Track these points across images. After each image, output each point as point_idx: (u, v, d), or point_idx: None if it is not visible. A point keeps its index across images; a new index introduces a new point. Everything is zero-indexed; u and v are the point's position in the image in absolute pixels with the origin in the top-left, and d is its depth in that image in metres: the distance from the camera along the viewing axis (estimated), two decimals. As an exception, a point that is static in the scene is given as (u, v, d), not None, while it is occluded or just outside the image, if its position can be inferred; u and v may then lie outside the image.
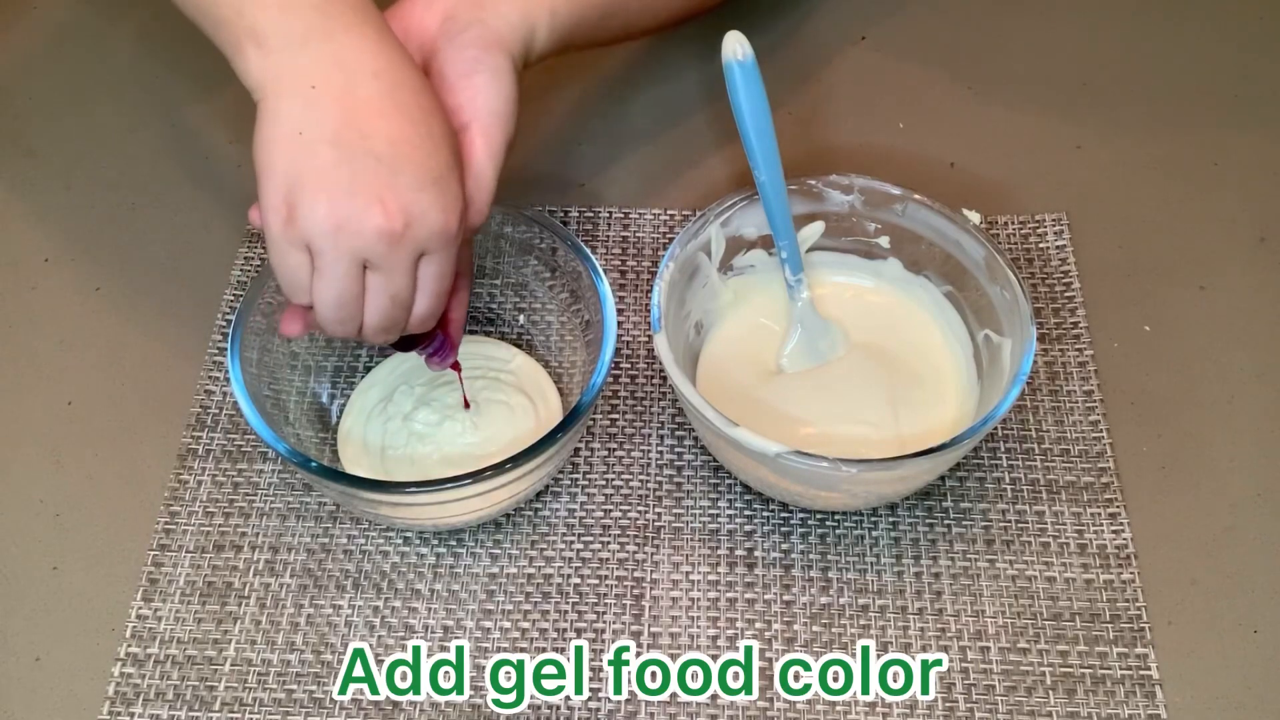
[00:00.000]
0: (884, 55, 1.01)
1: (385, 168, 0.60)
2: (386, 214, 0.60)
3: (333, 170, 0.60)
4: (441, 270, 0.65)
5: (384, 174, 0.60)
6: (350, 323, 0.64)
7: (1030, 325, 0.71)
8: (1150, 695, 0.68)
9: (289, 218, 0.61)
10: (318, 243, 0.61)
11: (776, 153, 0.75)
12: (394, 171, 0.60)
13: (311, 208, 0.60)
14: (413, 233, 0.61)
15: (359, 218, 0.60)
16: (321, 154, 0.60)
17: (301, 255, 0.62)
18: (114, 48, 1.02)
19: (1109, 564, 0.73)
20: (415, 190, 0.61)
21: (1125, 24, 1.02)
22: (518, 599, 0.73)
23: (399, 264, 0.62)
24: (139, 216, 0.91)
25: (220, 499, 0.77)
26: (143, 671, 0.70)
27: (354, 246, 0.61)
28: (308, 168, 0.60)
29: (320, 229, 0.60)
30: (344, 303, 0.63)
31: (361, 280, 0.63)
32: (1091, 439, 0.78)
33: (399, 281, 0.63)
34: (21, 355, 0.84)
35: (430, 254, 0.63)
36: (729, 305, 0.81)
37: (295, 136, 0.60)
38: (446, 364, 0.74)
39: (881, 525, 0.75)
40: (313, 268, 0.62)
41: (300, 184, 0.60)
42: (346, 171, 0.60)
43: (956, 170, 0.92)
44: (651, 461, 0.78)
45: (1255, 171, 0.91)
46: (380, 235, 0.60)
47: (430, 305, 0.66)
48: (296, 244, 0.61)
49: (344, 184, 0.60)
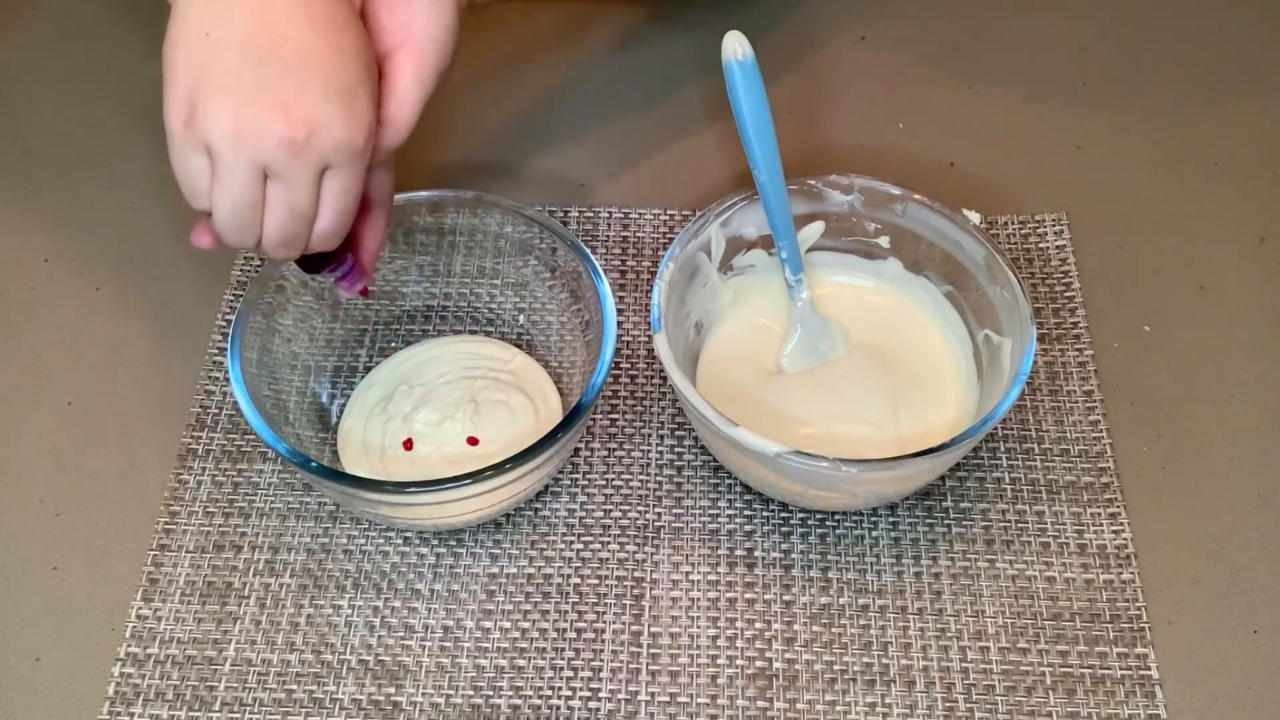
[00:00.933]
0: (884, 55, 1.01)
1: (292, 76, 0.60)
2: (289, 122, 0.59)
3: (237, 74, 0.59)
4: (345, 186, 0.63)
5: (290, 82, 0.60)
6: (247, 231, 0.63)
7: (1030, 325, 0.71)
8: (1150, 695, 0.68)
9: (189, 119, 0.60)
10: (217, 146, 0.60)
11: (776, 153, 0.75)
12: (300, 81, 0.60)
13: (213, 111, 0.59)
14: (316, 143, 0.60)
15: (260, 124, 0.59)
16: (227, 57, 0.59)
17: (201, 159, 0.61)
18: (114, 47, 1.02)
19: (1109, 564, 0.73)
20: (321, 101, 0.60)
21: (1125, 23, 1.02)
22: (518, 599, 0.73)
23: (300, 175, 0.61)
24: (139, 216, 0.91)
25: (220, 499, 0.77)
26: (143, 671, 0.70)
27: (254, 154, 0.60)
28: (212, 70, 0.59)
29: (220, 133, 0.59)
30: (241, 210, 0.62)
31: (261, 190, 0.62)
32: (1091, 439, 0.78)
33: (299, 194, 0.62)
34: (21, 355, 0.84)
35: (334, 168, 0.62)
36: (729, 305, 0.81)
37: (202, 38, 0.59)
38: (355, 289, 0.72)
39: (881, 525, 0.75)
40: (212, 173, 0.61)
41: (203, 86, 0.59)
42: (251, 77, 0.59)
43: (956, 170, 0.92)
44: (651, 461, 0.78)
45: (1255, 171, 0.91)
46: (281, 143, 0.60)
47: (333, 222, 0.64)
48: (196, 147, 0.60)
49: (247, 89, 0.59)
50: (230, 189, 0.61)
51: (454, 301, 0.84)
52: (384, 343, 0.82)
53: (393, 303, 0.83)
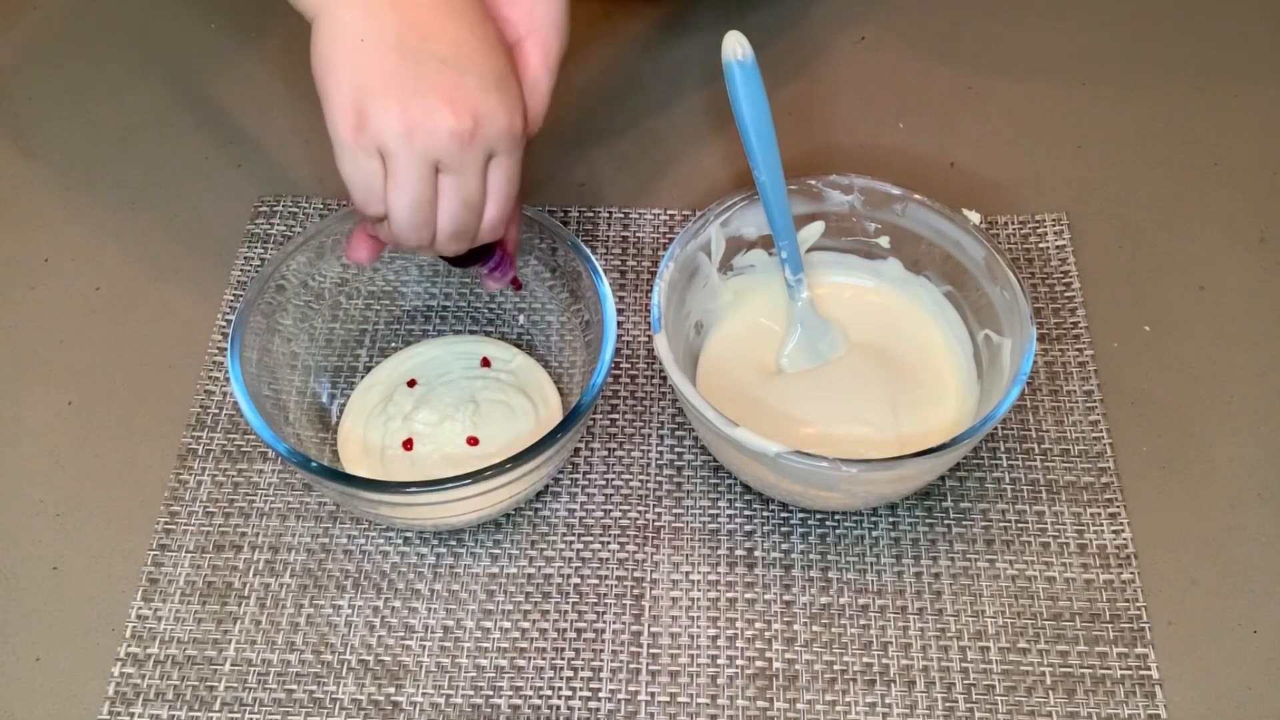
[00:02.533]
0: (884, 55, 1.01)
1: (450, 69, 0.62)
2: (456, 114, 0.61)
3: (399, 73, 0.61)
4: (509, 173, 0.66)
5: (450, 75, 0.62)
6: (425, 228, 0.65)
7: (1030, 325, 0.71)
8: (1150, 695, 0.68)
9: (359, 124, 0.61)
10: (391, 146, 0.61)
11: (776, 152, 0.75)
12: (459, 73, 0.62)
13: (383, 112, 0.61)
14: (483, 132, 0.62)
15: (430, 119, 0.61)
16: (387, 58, 0.61)
17: (374, 162, 0.62)
18: (113, 48, 1.02)
19: (1109, 564, 0.73)
20: (481, 90, 0.62)
21: (1125, 24, 1.02)
22: (518, 599, 0.73)
23: (471, 164, 0.63)
24: (138, 216, 0.91)
25: (220, 499, 0.77)
26: (143, 671, 0.70)
27: (427, 148, 0.62)
28: (374, 73, 0.61)
29: (393, 132, 0.61)
30: (419, 206, 0.63)
31: (434, 184, 0.63)
32: (1091, 439, 0.78)
33: (471, 184, 0.64)
34: (21, 355, 0.84)
35: (498, 155, 0.64)
36: (729, 305, 0.81)
37: (358, 44, 0.61)
38: (506, 279, 0.74)
39: (881, 525, 0.75)
40: (386, 174, 0.63)
41: (368, 89, 0.61)
42: (412, 74, 0.61)
43: (956, 170, 0.92)
44: (651, 461, 0.78)
45: (1255, 171, 0.91)
46: (452, 135, 0.61)
47: (500, 209, 0.67)
48: (369, 150, 0.62)
49: (411, 86, 0.61)
50: (407, 187, 0.63)
51: (454, 301, 0.84)
52: (384, 343, 0.82)
53: (393, 303, 0.83)
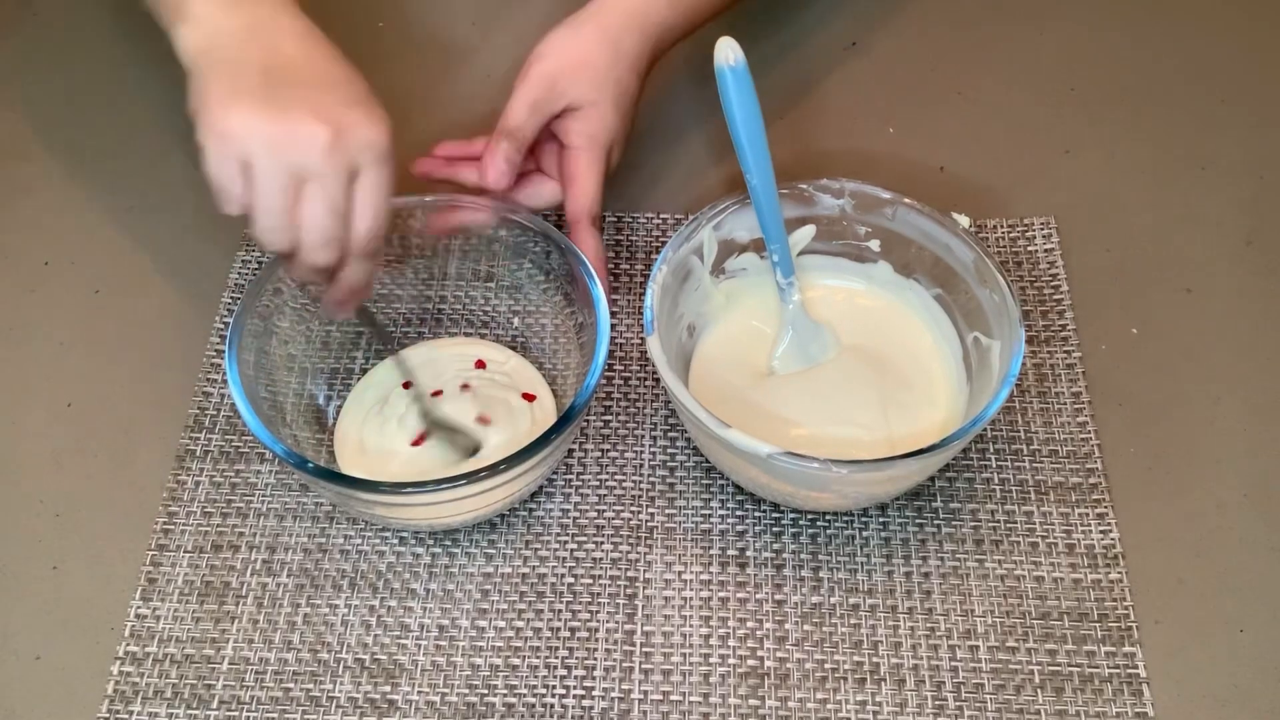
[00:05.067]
0: (874, 60, 1.01)
1: (313, 90, 0.66)
2: (319, 123, 0.64)
3: (264, 90, 0.65)
4: (376, 183, 0.67)
5: (313, 94, 0.66)
6: (282, 233, 0.66)
7: (1019, 328, 0.71)
8: (1138, 694, 0.69)
9: (223, 133, 0.64)
10: (253, 152, 0.64)
11: (768, 157, 0.76)
12: (321, 92, 0.66)
13: (244, 126, 0.64)
14: (345, 141, 0.65)
15: (293, 129, 0.64)
16: (252, 78, 0.66)
17: (234, 167, 0.65)
18: (112, 52, 1.03)
19: (1097, 564, 0.73)
20: (344, 106, 0.66)
21: (1113, 29, 1.03)
22: (512, 599, 0.73)
23: (333, 172, 0.65)
24: (137, 219, 0.92)
25: (218, 499, 0.77)
26: (141, 670, 0.71)
27: (289, 157, 0.64)
28: (240, 87, 0.65)
29: (256, 140, 0.64)
30: (277, 212, 0.65)
31: (294, 193, 0.65)
32: (1079, 440, 0.78)
33: (333, 191, 0.66)
34: (21, 357, 0.84)
35: (365, 169, 0.67)
36: (721, 308, 0.82)
37: (227, 63, 0.67)
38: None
39: (872, 525, 0.76)
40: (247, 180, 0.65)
41: (235, 100, 0.64)
42: (278, 92, 0.65)
43: (946, 174, 0.93)
44: (644, 462, 0.79)
45: (1242, 175, 0.92)
46: (314, 144, 0.64)
47: (370, 223, 0.68)
48: (229, 157, 0.64)
49: (277, 103, 0.65)
50: (265, 193, 0.65)
51: (449, 304, 0.85)
52: (380, 345, 0.83)
53: (389, 305, 0.84)
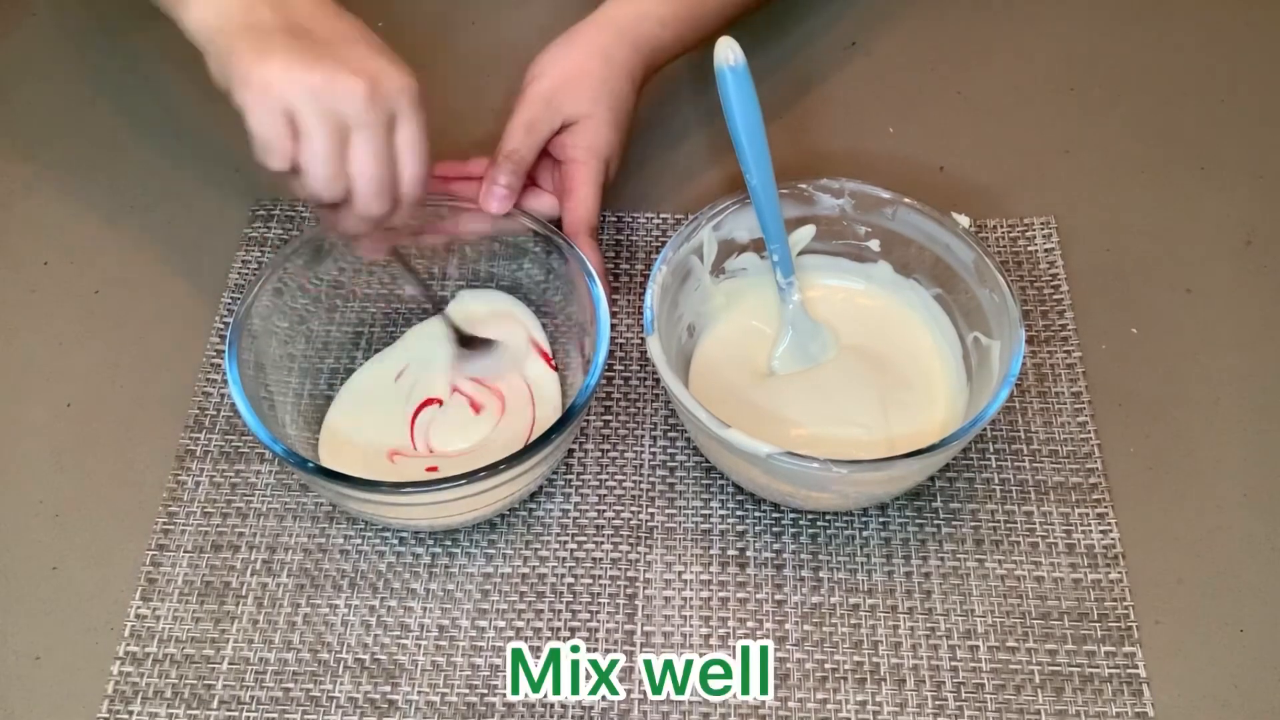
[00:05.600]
0: (874, 61, 1.01)
1: (335, 48, 0.67)
2: (354, 73, 0.66)
3: (293, 49, 0.66)
4: (416, 131, 0.69)
5: (337, 51, 0.67)
6: (336, 181, 0.67)
7: (1019, 328, 0.71)
8: (1138, 693, 0.69)
9: (264, 88, 0.65)
10: (298, 104, 0.65)
11: (768, 157, 0.76)
12: (346, 47, 0.67)
13: (287, 76, 0.65)
14: (382, 88, 0.66)
15: (332, 79, 0.65)
16: (279, 40, 0.66)
17: (280, 120, 0.65)
18: (112, 52, 1.03)
19: (1097, 564, 0.74)
20: (370, 56, 0.68)
21: (1112, 29, 1.03)
22: (512, 599, 0.73)
23: (375, 120, 0.67)
24: (137, 220, 0.92)
25: (218, 499, 0.77)
26: (141, 670, 0.71)
27: (332, 106, 0.65)
28: (270, 46, 0.66)
29: (298, 91, 0.65)
30: (329, 159, 0.66)
31: (341, 140, 0.66)
32: (1079, 440, 0.78)
33: (379, 138, 0.67)
34: (21, 357, 0.84)
35: (401, 115, 0.68)
36: (721, 308, 0.82)
37: (249, 29, 0.67)
38: None
39: (872, 525, 0.76)
40: (295, 133, 0.66)
41: (269, 57, 0.65)
42: (306, 47, 0.66)
43: (946, 174, 0.93)
44: (644, 462, 0.79)
45: (1241, 175, 0.92)
46: (353, 92, 0.65)
47: (416, 166, 0.70)
48: (274, 110, 0.65)
49: (307, 57, 0.66)
50: (316, 140, 0.66)
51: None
52: (380, 345, 0.83)
53: (389, 305, 0.84)
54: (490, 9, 1.06)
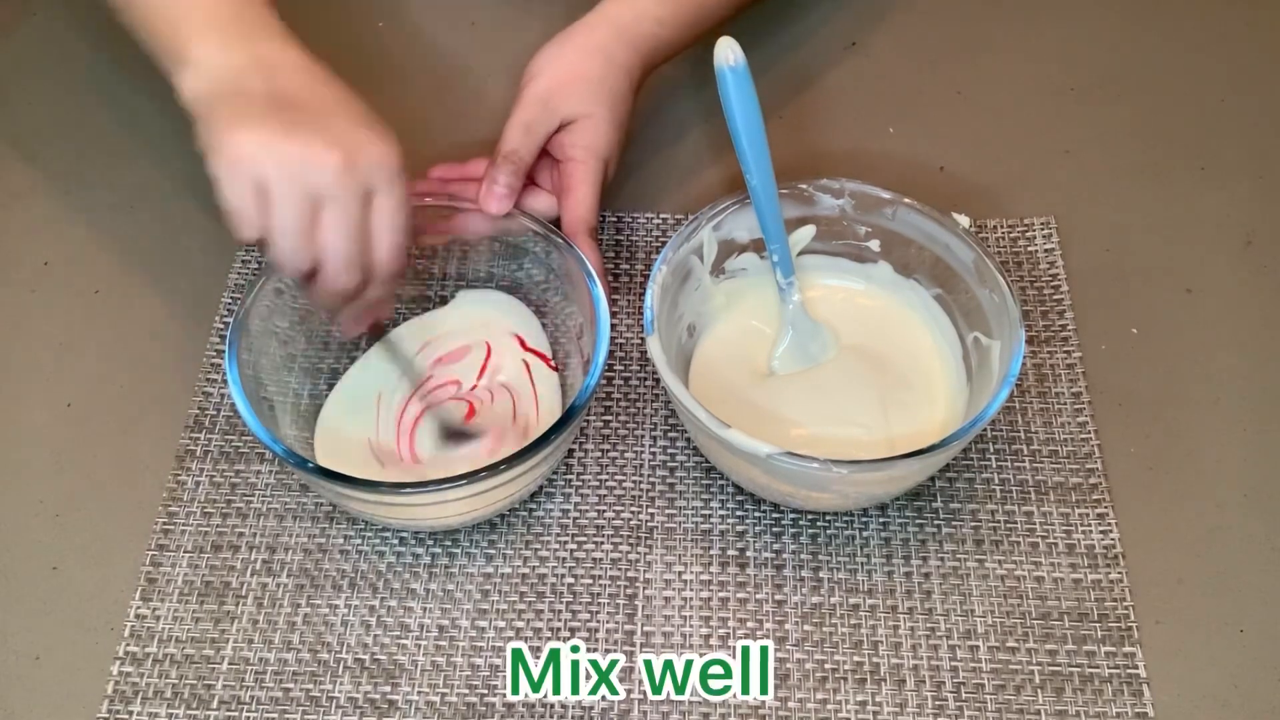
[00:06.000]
0: (874, 60, 1.01)
1: (318, 118, 0.67)
2: (329, 147, 0.65)
3: (273, 117, 0.66)
4: (393, 206, 0.68)
5: (319, 120, 0.67)
6: (302, 253, 0.67)
7: (1019, 328, 0.71)
8: (1138, 694, 0.69)
9: (236, 158, 0.65)
10: (269, 176, 0.65)
11: (768, 157, 0.76)
12: (328, 118, 0.67)
13: (257, 146, 0.65)
14: (357, 162, 0.66)
15: (303, 152, 0.65)
16: (258, 106, 0.66)
17: (250, 192, 0.65)
18: (112, 53, 1.03)
19: (1097, 564, 0.74)
20: (351, 128, 0.67)
21: (1112, 29, 1.03)
22: (512, 599, 0.73)
23: (349, 193, 0.66)
24: (137, 220, 0.92)
25: (218, 499, 0.77)
26: (141, 670, 0.71)
27: (304, 180, 0.65)
28: (249, 115, 0.66)
29: (271, 164, 0.65)
30: (297, 233, 0.66)
31: (311, 215, 0.66)
32: (1080, 440, 0.78)
33: (351, 212, 0.66)
34: (21, 357, 0.84)
35: (379, 191, 0.67)
36: (721, 308, 0.82)
37: (235, 95, 0.67)
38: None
39: (872, 526, 0.76)
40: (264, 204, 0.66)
41: (245, 127, 0.65)
42: (286, 118, 0.66)
43: (946, 174, 0.93)
44: (644, 462, 0.79)
45: (1241, 175, 0.92)
46: (327, 166, 0.65)
47: (390, 245, 0.69)
48: (244, 181, 0.65)
49: (285, 129, 0.65)
50: (285, 215, 0.65)
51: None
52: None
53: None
54: (490, 9, 1.06)
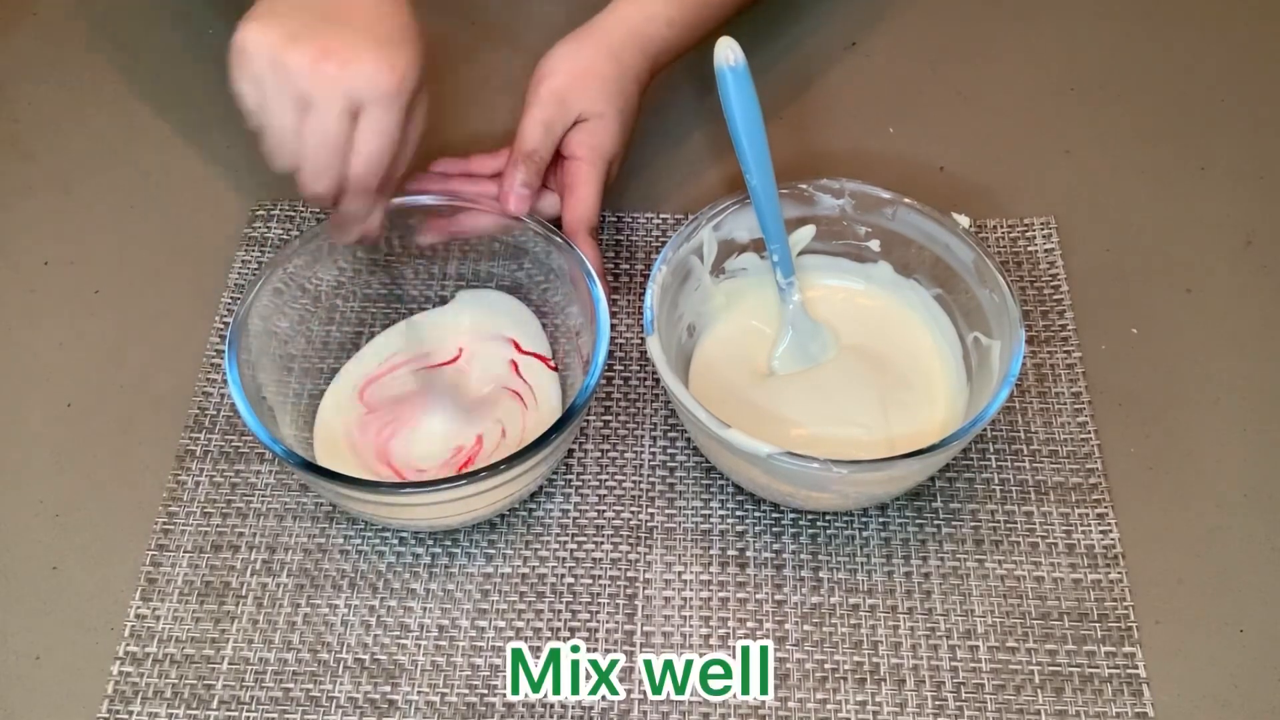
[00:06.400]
0: (874, 61, 1.01)
1: (334, 27, 0.67)
2: (323, 55, 0.66)
3: (286, 17, 0.67)
4: (377, 127, 0.68)
5: (332, 31, 0.67)
6: (285, 153, 0.69)
7: (1019, 328, 0.71)
8: (1137, 694, 0.69)
9: (241, 52, 0.67)
10: (263, 74, 0.66)
11: (768, 157, 0.76)
12: (340, 29, 0.67)
13: (261, 47, 0.66)
14: (345, 74, 0.66)
15: (298, 60, 0.66)
16: (282, 8, 0.68)
17: (251, 85, 0.67)
18: (112, 53, 1.03)
19: (1097, 564, 0.74)
20: (360, 43, 0.67)
21: (1113, 29, 1.03)
22: (512, 599, 0.73)
23: (330, 104, 0.67)
24: (137, 219, 0.92)
25: (218, 499, 0.77)
26: (141, 670, 0.71)
27: (292, 83, 0.66)
28: (269, 15, 0.67)
29: (264, 60, 0.66)
30: (283, 131, 0.68)
31: (298, 118, 0.67)
32: (1080, 440, 0.78)
33: (329, 123, 0.67)
34: (21, 357, 0.84)
35: (367, 108, 0.68)
36: (721, 308, 0.82)
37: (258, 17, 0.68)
38: None
39: (872, 526, 0.76)
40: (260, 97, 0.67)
41: (257, 23, 0.67)
42: (298, 21, 0.68)
43: (946, 174, 0.93)
44: (644, 462, 0.79)
45: (1241, 175, 0.92)
46: (314, 74, 0.66)
47: (366, 162, 0.69)
48: (248, 74, 0.67)
49: (292, 29, 0.67)
50: (272, 112, 0.67)
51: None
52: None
53: (389, 305, 0.84)
54: (490, 9, 1.06)
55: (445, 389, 0.79)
